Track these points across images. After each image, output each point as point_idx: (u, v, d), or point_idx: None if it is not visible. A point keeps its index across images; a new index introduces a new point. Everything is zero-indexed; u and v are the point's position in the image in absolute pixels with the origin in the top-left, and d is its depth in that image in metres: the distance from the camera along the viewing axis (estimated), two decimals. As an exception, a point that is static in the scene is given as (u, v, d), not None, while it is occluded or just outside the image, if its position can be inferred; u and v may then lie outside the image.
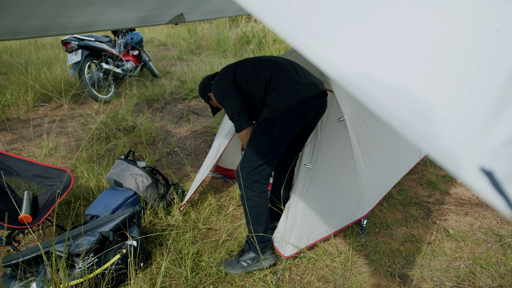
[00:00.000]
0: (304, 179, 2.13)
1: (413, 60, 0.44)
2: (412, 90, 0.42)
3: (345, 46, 0.46)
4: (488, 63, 0.42)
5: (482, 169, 0.38)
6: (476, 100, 0.41)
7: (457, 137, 0.40)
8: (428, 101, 0.42)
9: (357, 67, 0.44)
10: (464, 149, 0.39)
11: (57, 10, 1.75)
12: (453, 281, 2.03)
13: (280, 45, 7.02)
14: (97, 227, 2.02)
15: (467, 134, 0.40)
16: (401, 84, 0.43)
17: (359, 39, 0.46)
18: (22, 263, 1.77)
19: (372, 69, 0.44)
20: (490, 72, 0.41)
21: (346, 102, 2.25)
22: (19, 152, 3.51)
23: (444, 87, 0.42)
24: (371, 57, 0.45)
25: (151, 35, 9.66)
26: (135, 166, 2.55)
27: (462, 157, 0.39)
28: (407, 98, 0.42)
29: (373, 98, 0.42)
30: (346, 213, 2.32)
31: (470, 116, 0.41)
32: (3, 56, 6.56)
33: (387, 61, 0.45)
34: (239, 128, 2.02)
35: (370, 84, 0.43)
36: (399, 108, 0.41)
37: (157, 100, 5.07)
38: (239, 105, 1.99)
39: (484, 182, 0.38)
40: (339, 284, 2.01)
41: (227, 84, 2.01)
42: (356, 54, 0.45)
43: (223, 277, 2.07)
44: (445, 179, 3.08)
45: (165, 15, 2.44)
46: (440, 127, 0.40)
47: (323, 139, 2.17)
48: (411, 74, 0.44)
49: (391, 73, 0.44)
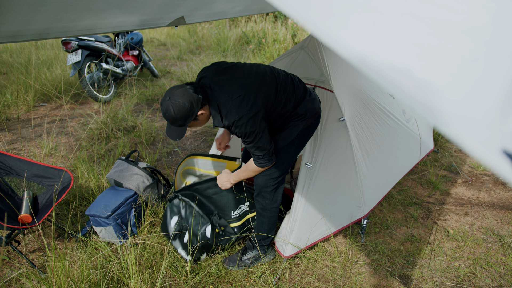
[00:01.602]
0: (304, 179, 2.13)
1: (431, 41, 0.44)
2: (429, 73, 0.42)
3: (360, 29, 0.46)
4: (505, 46, 0.42)
5: (505, 151, 0.38)
6: (494, 83, 0.41)
7: (477, 119, 0.40)
8: (446, 83, 0.42)
9: (373, 48, 0.44)
10: (485, 132, 0.39)
11: (59, 15, 1.75)
12: (453, 281, 2.03)
13: (280, 45, 7.02)
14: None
15: (487, 117, 0.40)
16: (419, 66, 0.42)
17: (376, 19, 0.46)
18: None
19: (389, 50, 0.44)
20: (508, 55, 0.41)
21: (346, 102, 2.25)
22: (19, 152, 3.50)
23: (463, 69, 0.42)
24: (387, 38, 0.45)
25: (151, 35, 9.66)
26: (135, 167, 2.54)
27: (483, 139, 0.39)
28: (425, 80, 0.42)
29: (391, 80, 0.41)
30: (346, 213, 2.32)
31: (488, 99, 0.41)
32: (3, 56, 6.56)
33: (405, 42, 0.44)
34: (269, 163, 1.83)
35: (387, 66, 0.42)
36: (418, 90, 0.40)
37: (157, 100, 5.06)
38: (271, 141, 1.80)
39: (508, 164, 0.38)
40: (339, 284, 2.01)
41: (262, 121, 1.70)
42: (373, 36, 0.45)
43: (223, 277, 2.07)
44: (445, 179, 3.08)
45: (166, 18, 2.44)
46: (459, 109, 0.40)
47: (323, 139, 2.17)
48: (430, 56, 0.43)
49: (408, 55, 0.43)
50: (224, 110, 1.66)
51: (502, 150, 0.38)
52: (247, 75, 1.73)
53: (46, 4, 1.56)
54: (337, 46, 0.46)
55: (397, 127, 2.67)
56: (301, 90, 1.88)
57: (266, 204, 2.00)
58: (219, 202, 2.20)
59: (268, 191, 1.96)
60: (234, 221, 2.23)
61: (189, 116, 1.64)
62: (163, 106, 1.64)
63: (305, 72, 2.35)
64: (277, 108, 1.78)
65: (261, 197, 2.00)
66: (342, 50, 0.45)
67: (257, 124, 1.66)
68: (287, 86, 1.81)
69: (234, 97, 1.64)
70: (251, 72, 1.75)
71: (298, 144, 1.94)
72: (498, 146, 0.39)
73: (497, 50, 0.42)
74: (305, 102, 1.86)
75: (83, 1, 1.66)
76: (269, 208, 2.01)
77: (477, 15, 0.43)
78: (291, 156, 1.93)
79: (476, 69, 0.42)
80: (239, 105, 1.63)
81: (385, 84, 0.43)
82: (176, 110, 1.61)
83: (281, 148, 1.90)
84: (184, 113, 1.62)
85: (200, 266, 2.12)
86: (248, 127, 1.64)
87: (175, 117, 1.62)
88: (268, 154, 1.77)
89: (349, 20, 0.47)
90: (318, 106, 1.95)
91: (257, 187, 1.98)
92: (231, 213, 2.22)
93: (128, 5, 1.91)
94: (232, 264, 2.12)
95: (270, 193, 1.97)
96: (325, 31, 0.47)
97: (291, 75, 1.91)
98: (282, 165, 1.92)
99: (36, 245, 2.35)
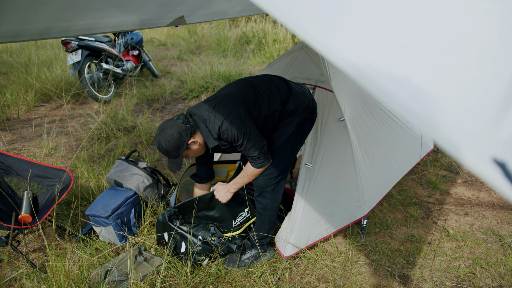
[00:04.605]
0: (304, 179, 2.13)
1: (422, 49, 0.44)
2: (422, 81, 0.42)
3: (349, 33, 0.46)
4: (498, 53, 0.42)
5: (495, 160, 0.38)
6: (487, 91, 0.41)
7: (468, 128, 0.40)
8: (438, 91, 0.42)
9: (365, 57, 0.44)
10: (476, 140, 0.39)
11: (58, 14, 1.75)
12: (453, 281, 2.03)
13: (280, 45, 7.02)
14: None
15: (479, 125, 0.40)
16: (410, 75, 0.42)
17: (366, 27, 0.46)
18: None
19: (380, 58, 0.44)
20: (500, 62, 0.41)
21: (346, 102, 2.25)
22: (19, 152, 3.51)
23: (454, 77, 0.42)
24: (379, 46, 0.45)
25: (151, 35, 9.66)
26: (135, 167, 2.55)
27: (473, 147, 0.39)
28: (417, 88, 0.42)
29: (383, 89, 0.42)
30: (346, 213, 2.32)
31: (481, 107, 0.41)
32: (3, 56, 6.56)
33: (396, 51, 0.44)
34: (266, 162, 1.82)
35: (377, 73, 0.42)
36: (410, 98, 0.41)
37: (157, 100, 5.06)
38: (263, 138, 1.79)
39: (497, 173, 0.38)
40: (339, 284, 2.01)
41: (246, 119, 1.72)
42: (365, 43, 0.45)
43: (223, 277, 2.07)
44: (445, 179, 3.08)
45: (166, 18, 2.44)
46: (450, 118, 0.40)
47: (323, 139, 2.17)
48: (421, 64, 0.43)
49: (401, 63, 0.43)
50: (210, 125, 1.73)
51: (491, 159, 0.39)
52: (220, 90, 1.86)
53: (45, 3, 1.56)
54: (326, 51, 0.46)
55: (397, 127, 2.67)
56: (284, 85, 1.90)
57: (267, 204, 2.00)
58: (218, 214, 2.15)
59: (268, 190, 1.96)
60: (236, 230, 2.23)
61: (180, 146, 1.72)
62: (156, 140, 1.74)
63: (305, 72, 2.36)
64: (262, 108, 1.80)
65: (262, 197, 2.00)
66: (331, 56, 0.45)
67: (242, 122, 1.69)
68: (264, 85, 1.86)
69: (211, 107, 1.73)
70: (223, 88, 1.87)
71: (295, 141, 1.93)
72: (488, 154, 0.39)
73: (489, 58, 0.42)
74: (292, 97, 1.87)
75: (82, 1, 1.66)
76: (270, 207, 2.01)
77: (469, 26, 0.44)
78: (288, 153, 1.93)
79: (468, 77, 0.42)
80: (218, 110, 1.71)
81: (374, 90, 0.43)
82: (167, 142, 1.69)
83: (277, 147, 1.90)
84: (174, 144, 1.70)
85: (200, 267, 2.12)
86: (234, 128, 1.67)
87: (167, 149, 1.71)
88: (263, 152, 1.78)
89: (337, 24, 0.47)
90: (308, 99, 1.93)
91: (257, 187, 1.98)
92: (232, 223, 2.21)
93: (127, 3, 1.91)
94: (232, 264, 2.12)
95: (271, 193, 1.97)
96: (313, 35, 0.47)
97: (269, 75, 1.97)
98: (280, 163, 1.92)
99: (36, 245, 2.35)
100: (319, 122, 2.19)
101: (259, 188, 1.97)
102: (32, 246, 2.34)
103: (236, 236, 2.22)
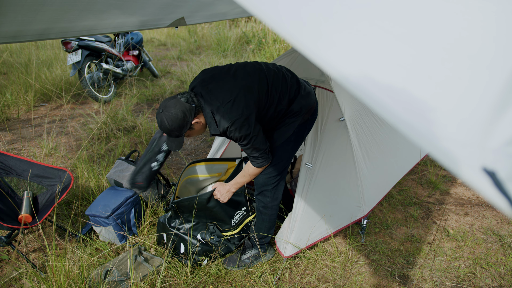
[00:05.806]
0: (304, 179, 2.13)
1: (415, 60, 0.44)
2: (414, 91, 0.42)
3: (347, 47, 0.46)
4: (488, 63, 0.42)
5: (485, 169, 0.38)
6: (478, 101, 0.41)
7: (460, 138, 0.40)
8: (430, 102, 0.42)
9: (359, 68, 0.44)
10: (467, 150, 0.39)
11: (59, 15, 1.75)
12: (453, 281, 2.03)
13: (280, 45, 7.02)
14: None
15: (470, 135, 0.40)
16: (403, 85, 0.43)
17: (361, 39, 0.46)
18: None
19: (375, 70, 0.44)
20: (491, 71, 0.41)
21: (346, 102, 2.25)
22: (19, 152, 3.50)
23: (446, 87, 0.42)
24: (373, 58, 0.45)
25: (151, 35, 9.66)
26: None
27: (464, 157, 0.39)
28: (410, 99, 0.42)
29: (376, 100, 0.42)
30: (346, 213, 2.32)
31: (472, 117, 0.41)
32: (3, 56, 6.56)
33: (390, 62, 0.45)
34: (266, 162, 1.83)
35: (372, 85, 0.43)
36: (403, 110, 0.41)
37: (157, 100, 5.06)
38: (267, 141, 1.80)
39: (486, 182, 0.38)
40: (339, 284, 2.01)
41: (255, 122, 1.70)
42: (359, 55, 0.45)
43: (223, 277, 2.07)
44: (445, 179, 3.08)
45: (166, 19, 2.44)
46: (442, 128, 0.40)
47: (323, 139, 2.17)
48: (414, 75, 0.43)
49: (394, 74, 0.44)
50: (217, 116, 1.67)
51: (481, 168, 0.38)
52: (236, 78, 1.71)
53: (46, 4, 1.56)
54: (326, 65, 0.46)
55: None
56: (295, 85, 1.85)
57: (267, 202, 2.00)
58: (217, 213, 2.15)
59: (269, 189, 1.96)
60: (234, 228, 2.23)
61: (184, 126, 1.66)
62: (158, 118, 1.67)
63: (305, 72, 2.36)
64: (270, 109, 1.78)
65: (262, 196, 2.00)
66: (330, 70, 0.46)
67: (251, 126, 1.66)
68: (278, 84, 1.79)
69: (224, 102, 1.64)
70: (240, 75, 1.73)
71: (295, 141, 1.94)
72: (478, 164, 0.39)
73: (481, 67, 0.42)
74: (299, 98, 1.85)
75: (83, 2, 1.66)
76: (270, 206, 2.01)
77: (463, 31, 0.44)
78: (288, 153, 1.93)
79: (460, 86, 0.42)
80: (230, 110, 1.63)
81: (366, 100, 0.43)
82: (170, 121, 1.63)
83: (278, 146, 1.90)
84: (178, 124, 1.63)
85: (200, 267, 2.12)
86: (242, 130, 1.64)
87: (170, 128, 1.65)
88: (264, 153, 1.79)
89: (324, 32, 0.47)
90: (313, 101, 1.92)
91: (257, 186, 1.98)
92: (231, 221, 2.21)
93: (129, 6, 1.91)
94: (232, 264, 2.12)
95: (271, 191, 1.97)
96: (314, 50, 0.47)
97: (284, 69, 1.87)
98: (281, 162, 1.92)
99: (36, 245, 2.35)
100: (319, 122, 2.19)
101: (259, 186, 1.97)
102: (32, 246, 2.34)
103: (235, 236, 2.22)
